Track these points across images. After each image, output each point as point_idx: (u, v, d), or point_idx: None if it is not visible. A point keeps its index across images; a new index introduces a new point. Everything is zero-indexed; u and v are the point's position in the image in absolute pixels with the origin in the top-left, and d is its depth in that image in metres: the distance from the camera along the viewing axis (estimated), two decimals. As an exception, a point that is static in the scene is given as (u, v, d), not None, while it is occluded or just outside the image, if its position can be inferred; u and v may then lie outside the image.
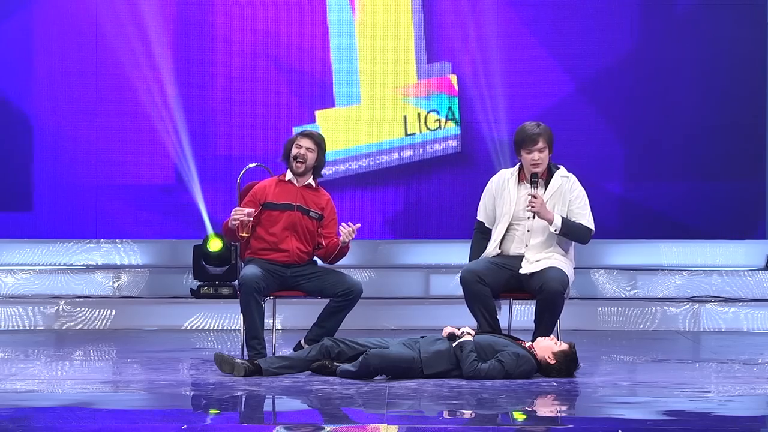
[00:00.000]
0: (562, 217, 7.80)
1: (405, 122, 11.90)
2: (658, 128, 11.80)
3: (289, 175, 8.18)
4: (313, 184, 8.19)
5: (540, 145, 7.80)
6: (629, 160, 11.79)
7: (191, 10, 11.83)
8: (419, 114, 11.90)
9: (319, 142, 8.16)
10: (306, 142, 8.13)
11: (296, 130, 10.70)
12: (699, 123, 11.79)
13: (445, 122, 11.89)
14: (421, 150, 11.93)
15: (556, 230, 7.77)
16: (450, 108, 11.91)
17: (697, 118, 11.79)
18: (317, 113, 11.86)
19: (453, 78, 11.88)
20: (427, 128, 11.92)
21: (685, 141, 11.79)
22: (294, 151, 8.13)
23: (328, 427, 6.19)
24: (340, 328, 8.07)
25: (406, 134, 11.93)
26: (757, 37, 11.78)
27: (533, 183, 7.82)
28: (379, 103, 11.91)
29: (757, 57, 11.78)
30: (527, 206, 7.78)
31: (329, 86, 11.86)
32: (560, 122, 11.18)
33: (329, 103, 11.88)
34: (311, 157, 8.12)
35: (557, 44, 11.80)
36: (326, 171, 8.44)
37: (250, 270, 7.91)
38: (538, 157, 7.81)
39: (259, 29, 11.84)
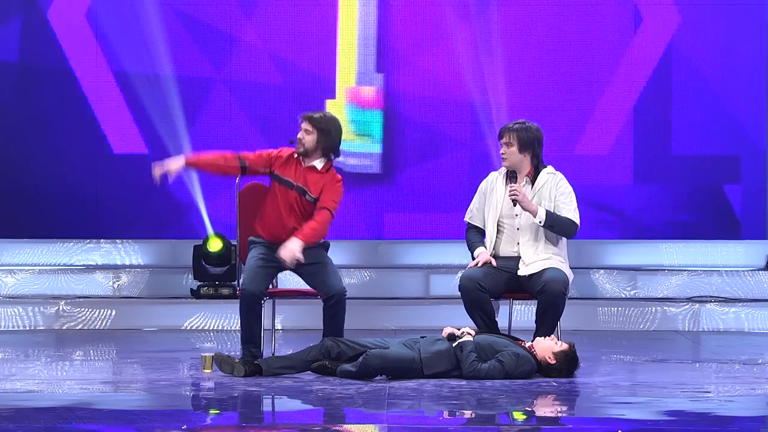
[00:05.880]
0: (547, 210, 7.82)
1: None
2: (656, 128, 11.79)
3: None
4: (318, 167, 7.95)
5: (504, 139, 7.90)
6: (629, 161, 11.80)
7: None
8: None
9: (317, 124, 7.91)
10: (305, 125, 7.96)
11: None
12: (698, 123, 11.78)
13: (357, 136, 11.66)
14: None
15: (540, 222, 7.80)
16: (365, 122, 11.67)
17: (697, 117, 11.78)
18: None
19: (370, 90, 11.64)
20: None
21: (684, 141, 11.79)
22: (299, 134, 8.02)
23: (328, 427, 6.19)
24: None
25: None
26: (757, 37, 11.78)
27: (510, 178, 7.89)
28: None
29: (758, 57, 11.77)
30: (509, 194, 7.83)
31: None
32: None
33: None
34: (309, 139, 7.88)
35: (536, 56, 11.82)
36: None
37: (249, 277, 7.76)
38: (503, 150, 7.91)
39: (264, 28, 11.85)
